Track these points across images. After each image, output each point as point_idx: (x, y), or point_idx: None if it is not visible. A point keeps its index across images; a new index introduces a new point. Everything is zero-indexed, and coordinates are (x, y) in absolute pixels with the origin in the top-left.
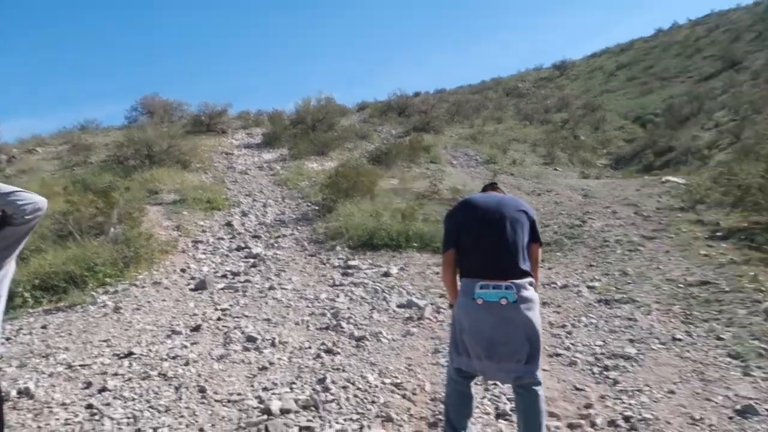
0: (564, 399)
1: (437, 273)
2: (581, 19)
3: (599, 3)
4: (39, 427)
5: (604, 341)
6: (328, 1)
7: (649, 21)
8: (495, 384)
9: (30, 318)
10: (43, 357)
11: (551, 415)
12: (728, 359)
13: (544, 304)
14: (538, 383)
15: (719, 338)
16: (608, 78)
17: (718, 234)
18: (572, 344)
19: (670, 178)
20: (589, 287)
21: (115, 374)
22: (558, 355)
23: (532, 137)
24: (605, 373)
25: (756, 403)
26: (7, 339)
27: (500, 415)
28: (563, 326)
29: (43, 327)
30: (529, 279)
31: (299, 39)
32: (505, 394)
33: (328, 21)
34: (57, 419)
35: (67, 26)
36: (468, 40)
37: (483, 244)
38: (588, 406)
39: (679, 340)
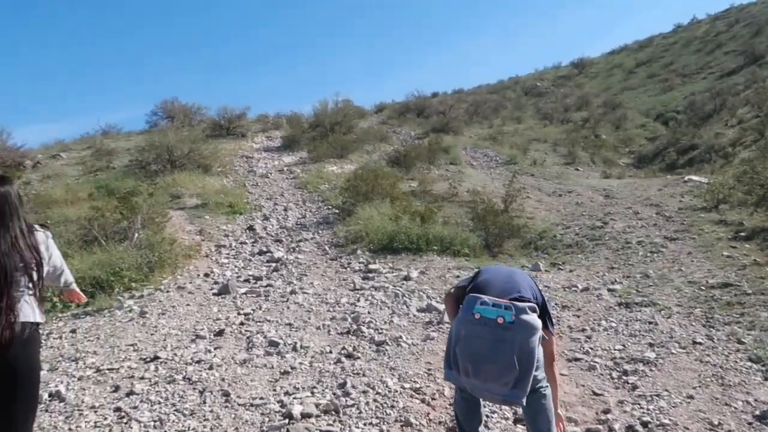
0: (582, 404)
1: (457, 276)
2: (597, 15)
3: None
4: (70, 429)
5: (623, 345)
6: (342, 3)
7: (667, 16)
8: None
9: (60, 322)
10: (73, 361)
11: (569, 420)
12: (749, 363)
13: (564, 307)
14: (545, 386)
15: (740, 342)
16: (628, 75)
17: (742, 234)
18: (591, 348)
19: (693, 177)
20: (609, 290)
21: (142, 378)
22: (577, 359)
23: (553, 137)
24: (624, 377)
25: None
26: None
27: (518, 420)
28: (583, 330)
29: (72, 331)
30: (531, 304)
31: (314, 40)
32: None
33: (346, 21)
34: (87, 422)
35: (81, 28)
36: (484, 39)
37: (498, 275)
38: (606, 411)
39: (700, 343)
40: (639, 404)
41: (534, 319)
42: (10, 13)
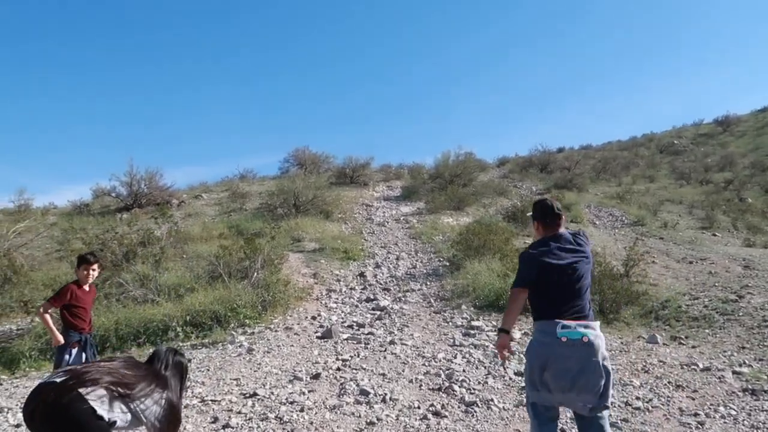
0: None
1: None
2: (744, 71)
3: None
4: None
5: None
6: (470, 57)
7: None
8: None
9: None
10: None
11: None
12: None
13: (678, 386)
14: (607, 407)
15: None
16: None
17: None
18: None
19: None
20: (735, 372)
21: (239, 412)
22: None
23: (689, 198)
24: None
25: None
26: None
27: None
28: (695, 414)
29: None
30: (598, 321)
31: (442, 92)
32: None
33: (471, 73)
34: None
35: (237, 87)
36: (617, 94)
37: (563, 289)
38: None
39: None
40: None
41: (600, 333)
42: (178, 61)
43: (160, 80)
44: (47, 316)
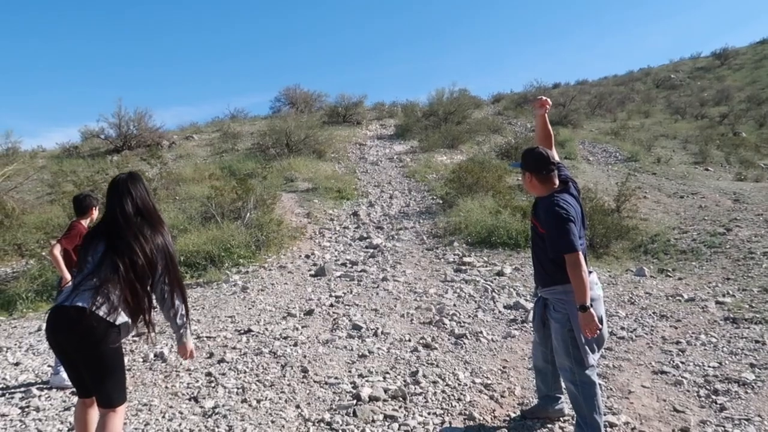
0: (659, 419)
1: None
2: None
3: None
4: (166, 387)
5: (720, 363)
6: None
7: None
8: None
9: None
10: None
11: None
12: None
13: (662, 316)
14: None
15: None
16: None
17: None
18: (682, 362)
19: None
20: (718, 302)
21: (234, 348)
22: (663, 372)
23: (684, 133)
24: (713, 397)
25: None
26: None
27: None
28: (677, 342)
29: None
30: None
31: (439, 29)
32: None
33: (468, 9)
34: (181, 382)
35: (228, 30)
36: (615, 28)
37: (583, 239)
38: (684, 429)
39: None
40: (723, 426)
41: None
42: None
43: (150, 23)
44: (59, 256)
